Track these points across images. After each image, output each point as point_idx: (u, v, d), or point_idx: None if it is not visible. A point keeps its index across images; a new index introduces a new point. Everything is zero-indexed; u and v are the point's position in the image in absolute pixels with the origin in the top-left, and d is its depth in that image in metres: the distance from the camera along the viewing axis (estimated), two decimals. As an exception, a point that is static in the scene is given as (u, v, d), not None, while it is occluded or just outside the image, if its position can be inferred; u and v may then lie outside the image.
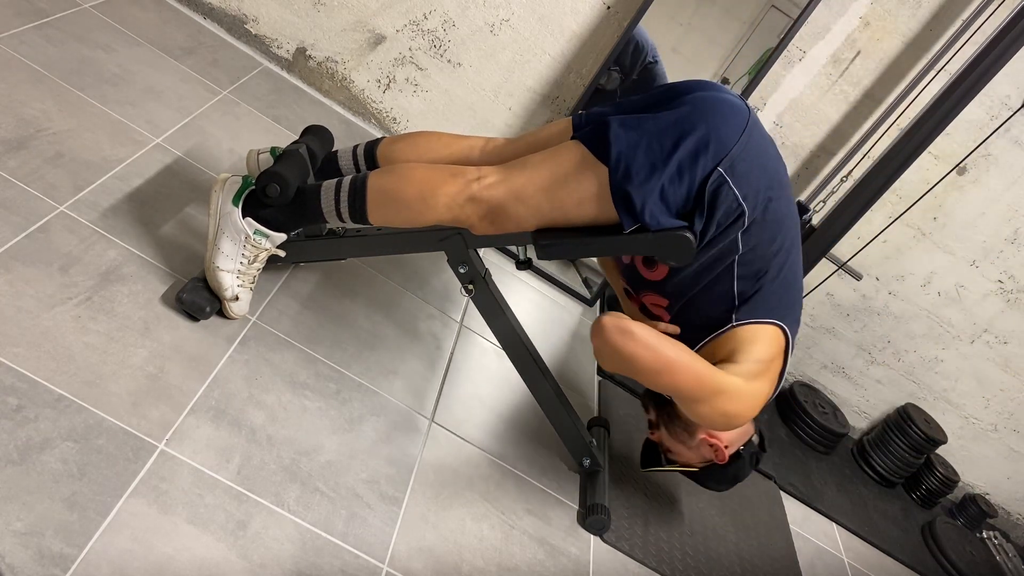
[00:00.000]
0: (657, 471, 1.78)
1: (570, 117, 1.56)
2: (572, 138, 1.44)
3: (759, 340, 1.42)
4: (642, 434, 2.09)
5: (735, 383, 1.38)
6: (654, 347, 1.35)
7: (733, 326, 1.42)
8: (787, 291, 1.46)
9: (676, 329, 1.49)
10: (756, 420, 1.61)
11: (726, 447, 1.59)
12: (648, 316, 1.57)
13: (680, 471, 1.69)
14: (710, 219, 1.35)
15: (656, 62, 2.17)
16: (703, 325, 1.46)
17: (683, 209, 1.35)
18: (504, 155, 1.58)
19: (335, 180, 1.48)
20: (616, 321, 1.37)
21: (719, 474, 1.65)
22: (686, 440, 1.62)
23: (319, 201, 1.46)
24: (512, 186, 1.39)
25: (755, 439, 1.67)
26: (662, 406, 1.66)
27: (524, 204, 1.38)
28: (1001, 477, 2.83)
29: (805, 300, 2.44)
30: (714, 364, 1.39)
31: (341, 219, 1.48)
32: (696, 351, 1.42)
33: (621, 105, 1.50)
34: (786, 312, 1.45)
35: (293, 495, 1.33)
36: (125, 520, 1.13)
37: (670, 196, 1.33)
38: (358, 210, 1.45)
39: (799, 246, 1.50)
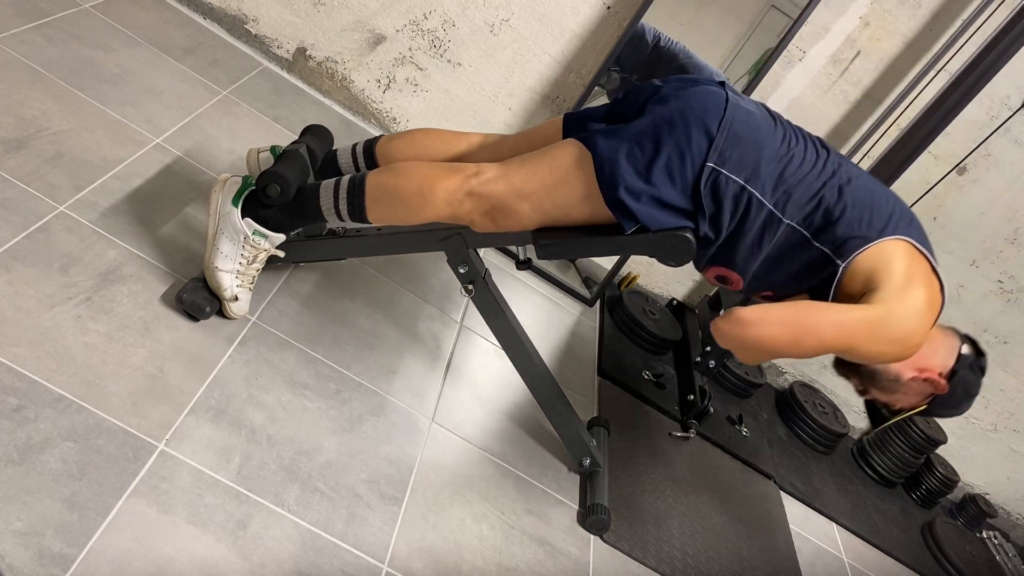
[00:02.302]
0: (890, 425, 1.68)
1: (561, 116, 1.57)
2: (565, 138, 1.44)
3: (878, 262, 1.33)
4: (642, 435, 2.09)
5: (880, 309, 1.30)
6: (778, 320, 1.31)
7: (842, 268, 1.35)
8: (867, 207, 1.37)
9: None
10: (953, 330, 1.52)
11: (939, 374, 1.47)
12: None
13: (912, 414, 1.58)
14: (719, 213, 1.34)
15: (660, 40, 2.14)
16: (823, 289, 1.38)
17: (686, 208, 1.35)
18: (502, 151, 1.58)
19: (333, 179, 1.48)
20: (727, 318, 1.34)
21: (948, 400, 1.51)
22: (897, 388, 1.50)
23: (318, 200, 1.46)
24: (512, 182, 1.38)
25: (965, 348, 1.50)
26: (854, 368, 1.56)
27: (526, 200, 1.38)
28: (1001, 477, 2.83)
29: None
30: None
31: (340, 218, 1.47)
32: None
33: (606, 108, 1.51)
34: (881, 224, 1.36)
35: (293, 495, 1.33)
36: (125, 520, 1.13)
37: (667, 198, 1.33)
38: (357, 208, 1.45)
39: (849, 164, 1.42)
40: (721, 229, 1.36)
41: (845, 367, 1.58)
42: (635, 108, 1.42)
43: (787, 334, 1.32)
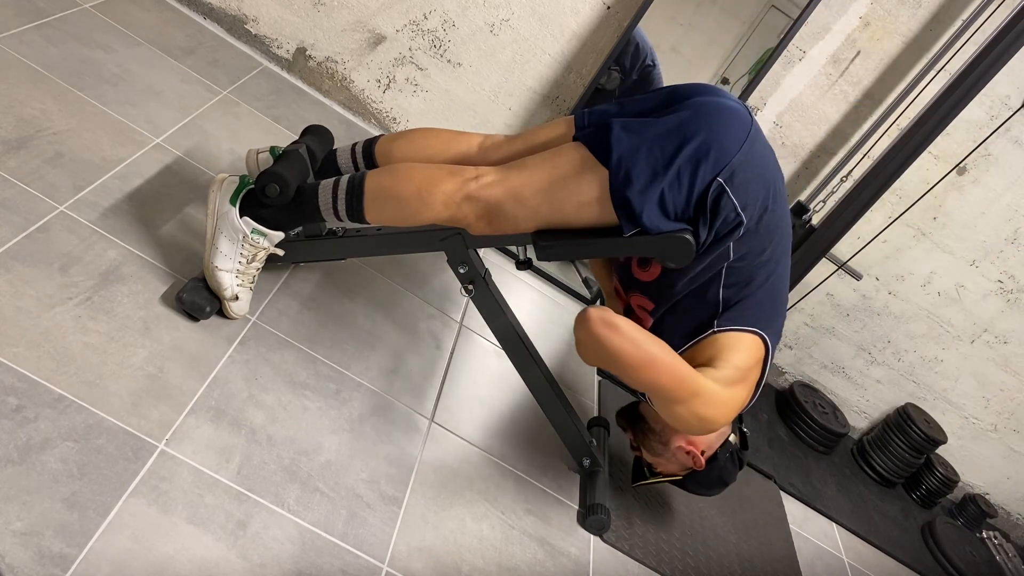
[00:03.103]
0: (646, 484, 1.80)
1: (571, 116, 1.55)
2: (574, 138, 1.44)
3: (739, 348, 1.42)
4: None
5: (712, 387, 1.38)
6: (638, 342, 1.35)
7: (715, 332, 1.43)
8: (771, 302, 1.46)
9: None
10: (743, 419, 1.64)
11: (702, 452, 1.60)
12: (632, 317, 1.57)
13: (666, 481, 1.71)
14: (710, 227, 1.35)
15: (654, 66, 2.17)
16: (686, 330, 1.46)
17: (683, 216, 1.35)
18: (502, 152, 1.57)
19: (332, 179, 1.48)
20: (602, 313, 1.37)
21: (703, 478, 1.66)
22: (662, 451, 1.64)
23: (316, 200, 1.46)
24: (510, 187, 1.38)
25: (733, 439, 1.66)
26: (635, 423, 1.69)
27: (522, 205, 1.38)
28: (1001, 477, 2.83)
29: (805, 300, 2.46)
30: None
31: (339, 218, 1.47)
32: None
33: (623, 105, 1.50)
34: (768, 323, 1.46)
35: (293, 495, 1.33)
36: (125, 520, 1.13)
37: (669, 202, 1.33)
38: (355, 208, 1.45)
39: (788, 258, 1.51)
40: (700, 245, 1.37)
41: (626, 419, 1.71)
42: (662, 106, 1.42)
43: (637, 358, 1.35)
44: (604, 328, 1.36)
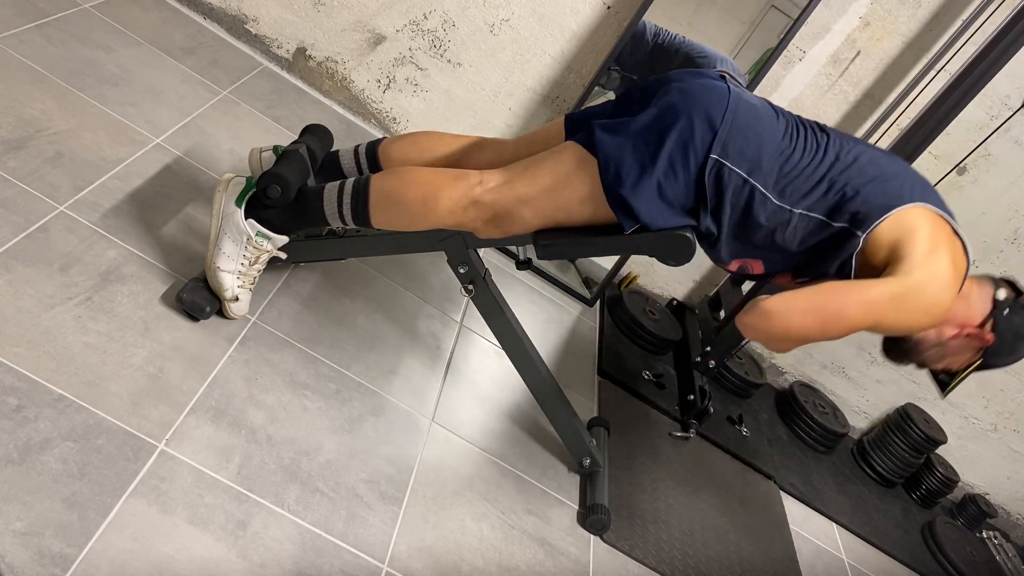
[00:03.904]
0: (954, 388, 1.60)
1: (562, 117, 1.57)
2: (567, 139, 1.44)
3: (896, 233, 1.32)
4: (642, 435, 2.09)
5: (905, 279, 1.28)
6: (801, 307, 1.30)
7: (863, 239, 1.32)
8: (879, 180, 1.35)
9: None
10: (987, 277, 1.48)
11: (979, 325, 1.43)
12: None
13: (971, 372, 1.53)
14: (720, 206, 1.34)
15: (660, 38, 2.13)
16: (844, 264, 1.36)
17: (688, 202, 1.35)
18: (504, 154, 1.58)
19: (337, 183, 1.48)
20: (752, 311, 1.33)
21: (1000, 348, 1.46)
22: (944, 351, 1.48)
23: (321, 204, 1.47)
24: (515, 189, 1.39)
25: (1001, 293, 1.45)
26: (900, 349, 1.52)
27: (529, 207, 1.38)
28: (1001, 477, 2.83)
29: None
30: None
31: (343, 222, 1.48)
32: None
33: (607, 106, 1.51)
34: (896, 194, 1.34)
35: (293, 495, 1.33)
36: (125, 520, 1.13)
37: (669, 193, 1.33)
38: (360, 213, 1.45)
39: (853, 142, 1.40)
40: (722, 222, 1.35)
41: (892, 352, 1.55)
42: (639, 102, 1.42)
43: (814, 321, 1.30)
44: (765, 320, 1.31)
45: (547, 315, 2.28)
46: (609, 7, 2.18)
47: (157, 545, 1.13)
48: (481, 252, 1.69)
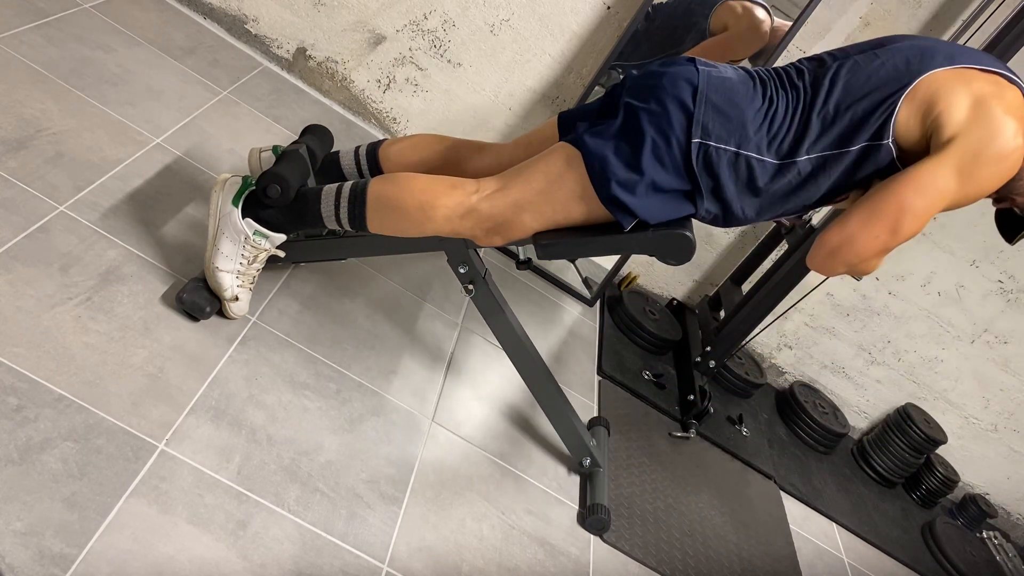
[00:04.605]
0: None
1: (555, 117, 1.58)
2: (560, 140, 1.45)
3: (924, 100, 1.25)
4: (642, 435, 2.09)
5: (956, 144, 1.20)
6: (862, 225, 1.25)
7: (889, 143, 1.27)
8: (877, 83, 1.29)
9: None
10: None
11: None
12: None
13: None
14: (719, 185, 1.33)
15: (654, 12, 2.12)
16: (881, 169, 1.31)
17: (684, 188, 1.34)
18: (503, 156, 1.58)
19: (335, 185, 1.48)
20: (819, 250, 1.29)
21: None
22: None
23: (319, 206, 1.47)
24: (511, 195, 1.39)
25: None
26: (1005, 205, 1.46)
27: (527, 211, 1.39)
28: (1001, 477, 2.83)
29: (805, 300, 2.42)
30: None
31: (340, 225, 1.48)
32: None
33: (599, 104, 1.52)
34: (899, 81, 1.27)
35: (293, 495, 1.33)
36: (125, 520, 1.13)
37: (663, 183, 1.33)
38: (357, 217, 1.45)
39: (840, 58, 1.35)
40: (729, 199, 1.34)
41: (1002, 220, 1.49)
42: (618, 102, 1.42)
43: (883, 229, 1.24)
44: (834, 256, 1.27)
45: (547, 315, 2.28)
46: (609, 7, 2.18)
47: (157, 545, 1.13)
48: (481, 252, 1.69)
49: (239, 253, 1.46)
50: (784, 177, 1.33)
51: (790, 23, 2.08)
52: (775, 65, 1.72)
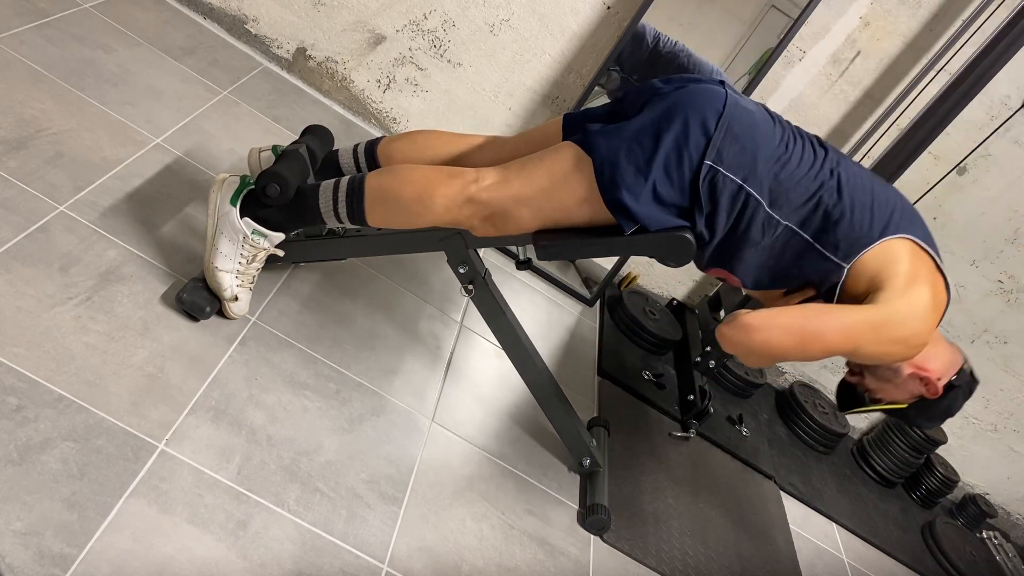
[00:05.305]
0: (861, 412, 1.63)
1: (561, 117, 1.57)
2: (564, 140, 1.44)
3: (879, 264, 1.34)
4: (642, 435, 2.09)
5: (884, 308, 1.30)
6: (781, 325, 1.32)
7: (846, 270, 1.35)
8: (867, 208, 1.37)
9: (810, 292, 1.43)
10: (957, 346, 1.52)
11: (938, 379, 1.46)
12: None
13: (886, 409, 1.58)
14: (715, 212, 1.34)
15: (660, 43, 2.13)
16: (827, 290, 1.39)
17: (683, 205, 1.35)
18: (503, 152, 1.58)
19: (333, 180, 1.48)
20: (731, 323, 1.34)
21: (931, 409, 1.52)
22: (892, 378, 1.50)
23: (317, 201, 1.46)
24: (511, 187, 1.39)
25: (967, 367, 1.51)
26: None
27: (525, 205, 1.38)
28: (1001, 477, 2.83)
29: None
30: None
31: (339, 220, 1.47)
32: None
33: (606, 108, 1.51)
34: (882, 224, 1.36)
35: (293, 495, 1.33)
36: (125, 520, 1.13)
37: (665, 195, 1.33)
38: (356, 211, 1.45)
39: (848, 163, 1.42)
40: (716, 229, 1.36)
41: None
42: (635, 107, 1.42)
43: (792, 340, 1.32)
44: (744, 334, 1.33)
45: (547, 315, 2.28)
46: (609, 7, 2.18)
47: (157, 545, 1.13)
48: (481, 252, 1.69)
49: (238, 252, 1.46)
50: (763, 231, 1.36)
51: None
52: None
